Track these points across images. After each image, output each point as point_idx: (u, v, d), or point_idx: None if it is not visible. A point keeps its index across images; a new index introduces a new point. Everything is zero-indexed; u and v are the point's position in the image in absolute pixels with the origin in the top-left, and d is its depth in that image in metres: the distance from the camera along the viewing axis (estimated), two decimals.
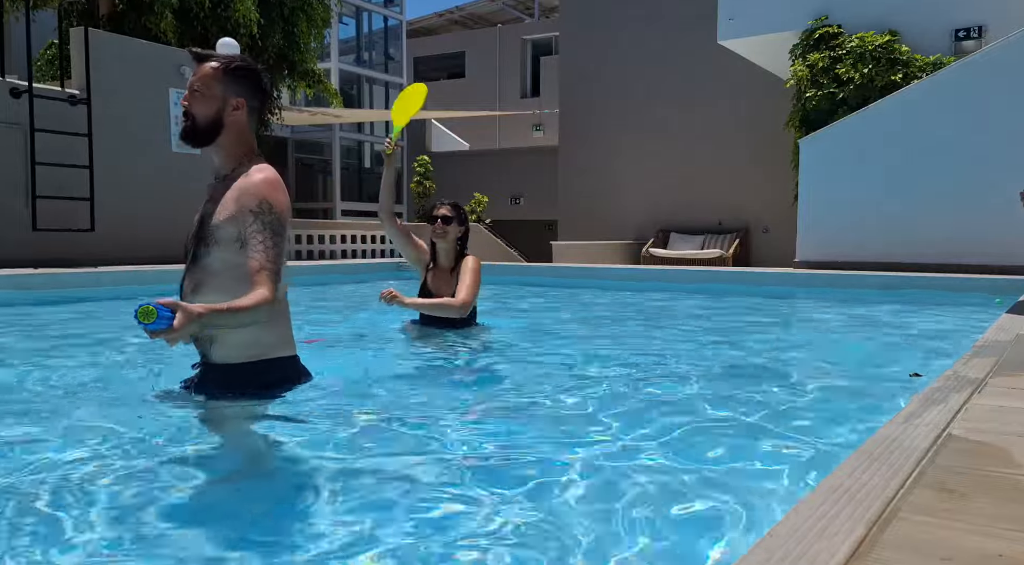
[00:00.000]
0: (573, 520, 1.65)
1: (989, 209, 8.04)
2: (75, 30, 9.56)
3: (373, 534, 1.58)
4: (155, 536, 1.57)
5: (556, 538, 1.56)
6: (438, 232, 4.08)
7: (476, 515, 1.67)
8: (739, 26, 11.52)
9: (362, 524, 1.63)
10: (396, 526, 1.62)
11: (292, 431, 2.33)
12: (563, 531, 1.59)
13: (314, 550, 1.49)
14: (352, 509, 1.72)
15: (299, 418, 2.43)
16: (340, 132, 24.00)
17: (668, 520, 1.67)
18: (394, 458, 2.12)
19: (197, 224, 2.52)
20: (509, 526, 1.61)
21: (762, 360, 3.93)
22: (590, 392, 2.98)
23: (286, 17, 13.54)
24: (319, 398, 2.63)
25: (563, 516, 1.67)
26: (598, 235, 15.49)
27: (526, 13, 31.53)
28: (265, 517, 1.71)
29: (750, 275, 9.24)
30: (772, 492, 1.83)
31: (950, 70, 8.84)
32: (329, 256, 12.87)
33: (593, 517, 1.67)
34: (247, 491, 1.91)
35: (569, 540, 1.55)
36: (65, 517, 1.62)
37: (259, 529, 1.64)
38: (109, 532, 1.58)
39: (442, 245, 4.13)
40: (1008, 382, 2.33)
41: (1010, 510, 1.24)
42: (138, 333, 2.15)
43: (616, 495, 1.80)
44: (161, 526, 1.62)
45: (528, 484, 1.88)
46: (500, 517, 1.66)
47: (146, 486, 1.83)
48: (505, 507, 1.72)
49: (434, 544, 1.52)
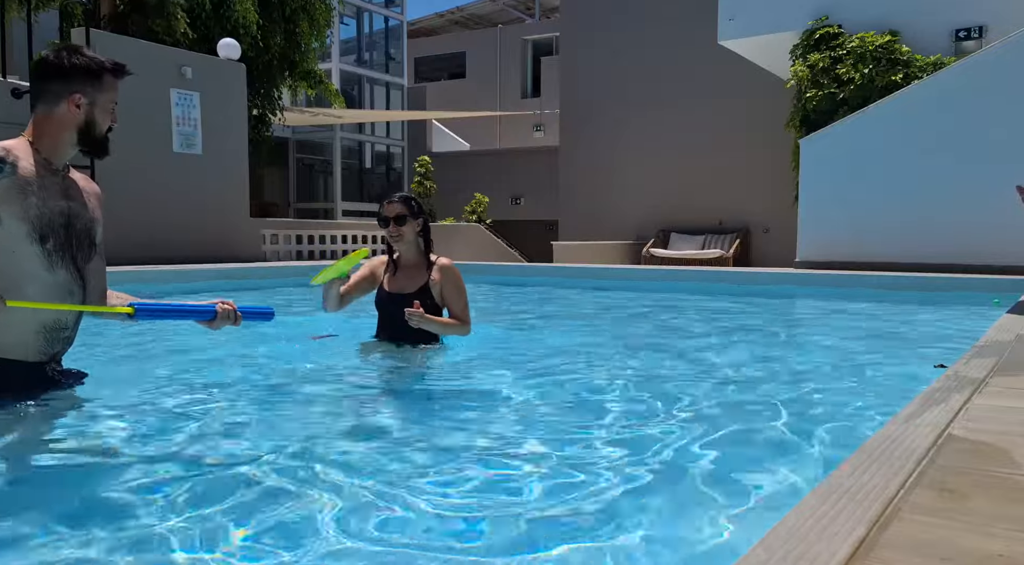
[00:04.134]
0: (572, 519, 1.65)
1: (989, 209, 8.04)
2: (76, 31, 9.59)
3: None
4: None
5: (554, 535, 1.56)
6: (394, 235, 3.61)
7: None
8: (739, 26, 11.51)
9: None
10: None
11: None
12: (563, 528, 1.59)
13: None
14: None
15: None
16: (341, 132, 23.99)
17: (668, 520, 1.67)
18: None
19: (76, 223, 2.46)
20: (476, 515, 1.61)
21: (761, 360, 3.93)
22: (587, 392, 2.99)
23: (287, 17, 13.56)
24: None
25: (561, 514, 1.68)
26: (599, 235, 15.49)
27: (526, 13, 31.52)
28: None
29: (750, 275, 9.24)
30: (772, 492, 1.83)
31: (950, 70, 8.84)
32: (330, 256, 12.87)
33: (593, 516, 1.67)
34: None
35: (568, 538, 1.55)
36: None
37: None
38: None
39: (403, 247, 3.66)
40: (1008, 382, 2.33)
41: (1010, 510, 1.24)
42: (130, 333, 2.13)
43: (615, 494, 1.80)
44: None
45: (519, 480, 1.88)
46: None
47: None
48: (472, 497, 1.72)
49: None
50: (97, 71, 2.45)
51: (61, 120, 2.42)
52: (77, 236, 2.46)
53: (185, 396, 2.85)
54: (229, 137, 11.00)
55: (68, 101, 2.41)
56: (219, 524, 1.61)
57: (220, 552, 1.48)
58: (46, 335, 2.43)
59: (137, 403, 2.71)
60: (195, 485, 1.84)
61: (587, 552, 1.50)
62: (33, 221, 2.32)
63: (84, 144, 2.47)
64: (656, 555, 1.51)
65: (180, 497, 1.77)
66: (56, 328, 2.45)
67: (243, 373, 3.40)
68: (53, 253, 2.37)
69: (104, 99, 2.47)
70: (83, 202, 2.51)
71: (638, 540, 1.56)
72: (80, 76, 2.42)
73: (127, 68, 2.54)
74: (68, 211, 2.44)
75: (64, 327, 2.49)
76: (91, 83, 2.44)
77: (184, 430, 2.35)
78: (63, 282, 2.40)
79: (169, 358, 3.79)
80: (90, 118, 2.45)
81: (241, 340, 4.03)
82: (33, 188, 2.33)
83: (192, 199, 10.37)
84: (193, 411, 2.61)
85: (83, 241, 2.48)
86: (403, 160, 25.92)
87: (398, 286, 3.65)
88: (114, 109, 2.51)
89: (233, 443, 2.26)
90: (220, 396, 2.90)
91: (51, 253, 2.36)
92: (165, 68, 9.98)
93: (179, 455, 2.13)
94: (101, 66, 2.46)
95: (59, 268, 2.39)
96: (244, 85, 11.31)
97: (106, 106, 2.48)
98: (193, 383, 3.13)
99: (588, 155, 16.57)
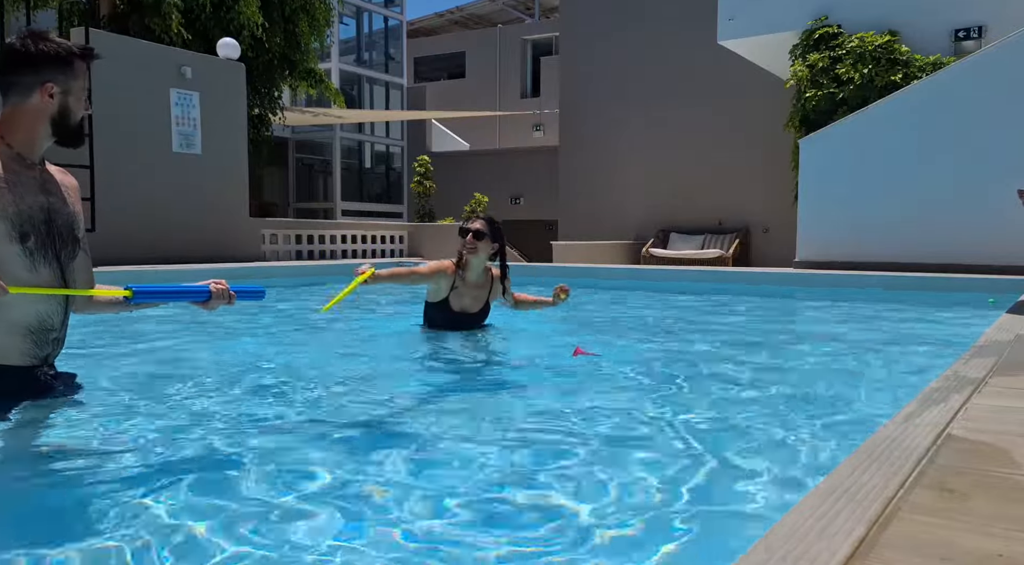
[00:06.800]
0: (569, 517, 1.65)
1: (989, 209, 8.05)
2: (76, 30, 9.58)
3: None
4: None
5: (553, 531, 1.56)
6: (469, 247, 3.97)
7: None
8: (739, 26, 11.52)
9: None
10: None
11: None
12: (562, 526, 1.59)
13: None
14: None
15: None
16: (341, 132, 24.01)
17: (667, 520, 1.67)
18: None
19: (56, 219, 2.37)
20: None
21: (760, 360, 3.93)
22: (583, 393, 2.99)
23: (287, 17, 13.56)
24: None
25: (562, 511, 1.68)
26: (598, 235, 15.49)
27: (526, 13, 31.53)
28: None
29: (750, 275, 9.24)
30: (771, 492, 1.83)
31: (950, 70, 8.84)
32: (329, 256, 12.88)
33: (592, 515, 1.67)
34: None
35: (566, 537, 1.55)
36: None
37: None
38: None
39: (473, 260, 4.01)
40: (1008, 382, 2.33)
41: (1009, 510, 1.24)
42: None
43: (614, 493, 1.80)
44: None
45: (527, 472, 1.88)
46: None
47: None
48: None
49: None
50: (67, 58, 2.34)
51: (35, 112, 2.31)
52: (59, 232, 2.37)
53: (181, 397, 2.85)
54: (229, 137, 11.00)
55: (40, 91, 2.30)
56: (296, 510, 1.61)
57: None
58: (32, 338, 2.34)
59: (147, 403, 2.71)
60: (225, 482, 1.84)
61: (585, 551, 1.50)
62: (12, 219, 2.22)
63: (59, 134, 2.36)
64: (656, 555, 1.51)
65: (186, 499, 1.77)
66: (42, 329, 2.35)
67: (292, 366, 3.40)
68: (35, 251, 2.28)
69: (77, 86, 2.37)
70: (62, 197, 2.42)
71: (637, 540, 1.56)
72: (50, 64, 2.30)
73: (95, 51, 2.43)
74: (48, 207, 2.34)
75: (51, 328, 2.38)
76: (62, 70, 2.32)
77: (195, 430, 2.35)
78: (47, 282, 2.31)
79: (169, 359, 3.80)
80: (64, 107, 2.34)
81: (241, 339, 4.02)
82: (7, 185, 2.23)
83: (191, 199, 10.37)
84: (219, 412, 2.61)
85: (66, 238, 2.39)
86: (403, 160, 25.92)
87: (463, 305, 4.09)
88: (87, 96, 2.42)
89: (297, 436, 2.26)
90: (287, 391, 2.91)
91: (33, 252, 2.27)
92: (165, 68, 9.98)
93: (192, 457, 2.13)
94: (70, 52, 2.34)
95: (42, 267, 2.30)
96: (244, 85, 11.32)
97: (79, 94, 2.38)
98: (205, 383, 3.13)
99: (588, 155, 16.58)
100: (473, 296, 4.02)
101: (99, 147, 8.92)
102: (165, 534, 1.55)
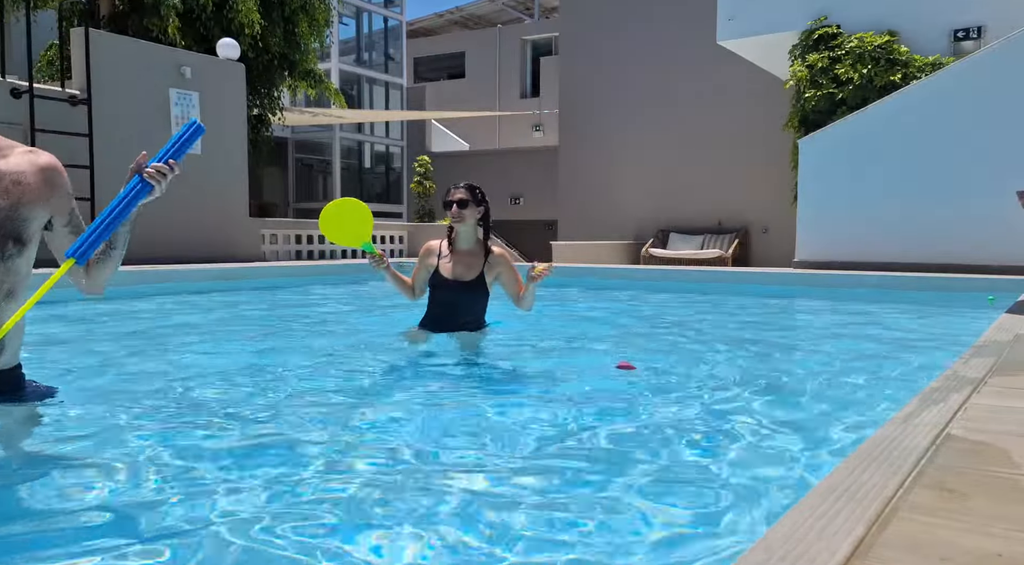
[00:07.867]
0: (568, 517, 1.66)
1: (988, 209, 8.05)
2: (75, 31, 9.57)
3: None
4: None
5: (553, 530, 1.56)
6: (455, 217, 3.99)
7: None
8: (739, 26, 11.52)
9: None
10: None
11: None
12: (559, 524, 1.59)
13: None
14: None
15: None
16: (340, 132, 24.01)
17: (666, 520, 1.67)
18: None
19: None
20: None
21: (759, 360, 3.93)
22: (582, 393, 2.99)
23: (287, 18, 13.55)
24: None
25: (558, 510, 1.68)
26: (598, 235, 15.49)
27: (526, 13, 31.51)
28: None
29: (749, 275, 9.24)
30: (771, 492, 1.83)
31: (949, 70, 8.84)
32: (329, 256, 12.88)
33: (591, 514, 1.67)
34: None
35: (565, 535, 1.55)
36: None
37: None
38: None
39: (462, 229, 4.03)
40: (1007, 382, 2.34)
41: (1009, 510, 1.25)
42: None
43: (613, 493, 1.80)
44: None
45: (530, 468, 1.88)
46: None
47: None
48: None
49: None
50: None
51: None
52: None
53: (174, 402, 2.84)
54: (228, 137, 11.00)
55: None
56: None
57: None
58: None
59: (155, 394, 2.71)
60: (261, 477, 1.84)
61: (583, 549, 1.50)
62: None
63: None
64: (655, 554, 1.51)
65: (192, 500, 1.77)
66: None
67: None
68: None
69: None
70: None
71: (637, 539, 1.56)
72: None
73: None
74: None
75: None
76: None
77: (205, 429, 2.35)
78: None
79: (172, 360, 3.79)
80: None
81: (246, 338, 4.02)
82: None
83: (191, 199, 10.36)
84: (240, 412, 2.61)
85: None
86: (402, 160, 25.93)
87: (456, 273, 3.99)
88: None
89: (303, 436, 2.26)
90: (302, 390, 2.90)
91: None
92: (165, 68, 9.98)
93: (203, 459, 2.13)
94: None
95: None
96: (244, 85, 11.32)
97: None
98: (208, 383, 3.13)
99: (587, 155, 16.57)
100: (466, 263, 4.01)
101: (99, 147, 8.91)
102: (162, 535, 1.55)
